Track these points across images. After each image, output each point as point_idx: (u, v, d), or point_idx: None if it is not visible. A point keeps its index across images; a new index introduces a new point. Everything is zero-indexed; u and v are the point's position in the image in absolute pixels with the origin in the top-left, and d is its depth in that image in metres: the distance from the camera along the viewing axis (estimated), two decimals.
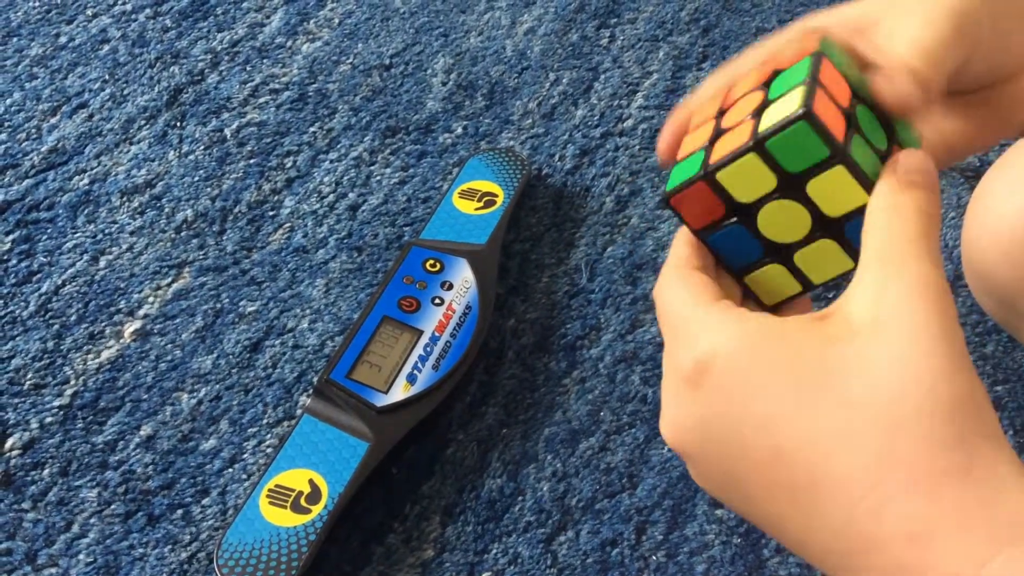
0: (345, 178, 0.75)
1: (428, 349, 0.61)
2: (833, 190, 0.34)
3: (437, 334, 0.62)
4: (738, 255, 0.37)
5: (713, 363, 0.32)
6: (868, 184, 0.33)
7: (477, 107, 0.80)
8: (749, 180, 0.34)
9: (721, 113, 0.37)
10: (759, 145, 0.33)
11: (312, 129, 0.78)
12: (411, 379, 0.60)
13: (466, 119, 0.79)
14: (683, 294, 0.35)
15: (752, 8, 0.89)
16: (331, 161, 0.76)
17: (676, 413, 0.34)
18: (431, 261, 0.66)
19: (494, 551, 0.58)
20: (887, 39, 0.36)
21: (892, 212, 0.32)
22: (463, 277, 0.65)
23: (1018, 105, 0.40)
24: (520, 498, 0.60)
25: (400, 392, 0.59)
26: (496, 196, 0.71)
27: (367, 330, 0.62)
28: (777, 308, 0.38)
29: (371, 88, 0.81)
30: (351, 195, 0.74)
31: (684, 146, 0.37)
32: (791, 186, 0.34)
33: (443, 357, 0.61)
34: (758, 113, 0.34)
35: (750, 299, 0.38)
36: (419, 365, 0.61)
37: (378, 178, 0.75)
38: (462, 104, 0.80)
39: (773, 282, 0.37)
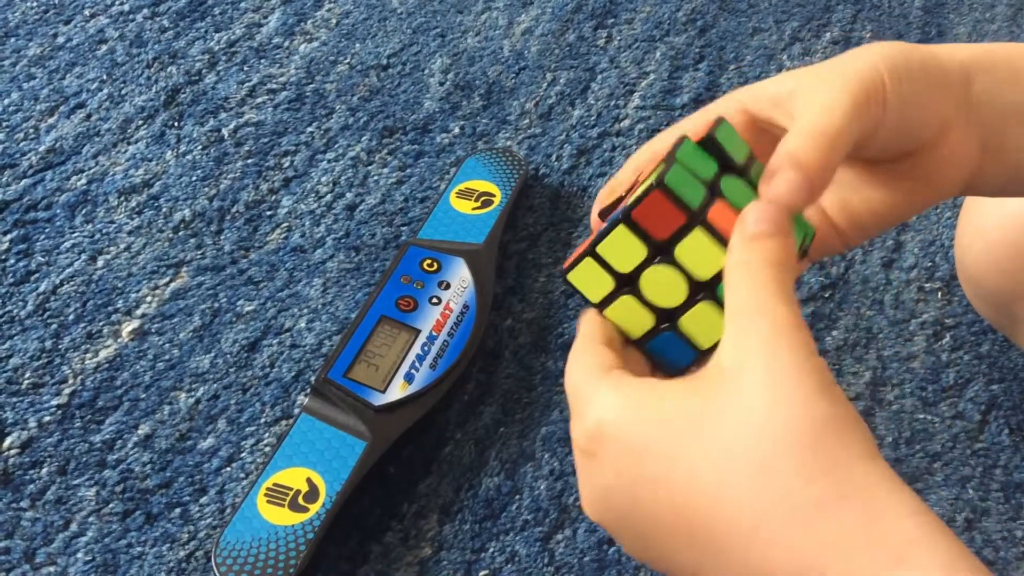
0: (342, 178, 0.75)
1: (426, 348, 0.62)
2: (697, 253, 0.36)
3: (435, 333, 0.62)
4: (635, 327, 0.39)
5: (600, 432, 0.34)
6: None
7: (474, 107, 0.80)
8: (624, 250, 0.37)
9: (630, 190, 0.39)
10: (627, 217, 0.36)
11: (309, 129, 0.78)
12: (409, 378, 0.60)
13: (463, 119, 0.79)
14: (579, 368, 0.36)
15: (748, 8, 0.89)
16: (328, 161, 0.76)
17: (584, 488, 0.36)
18: (428, 261, 0.66)
19: (491, 549, 0.58)
20: (799, 112, 0.37)
21: (743, 268, 0.34)
22: (460, 276, 0.66)
23: (940, 173, 0.41)
24: (517, 497, 0.60)
25: (398, 391, 0.60)
26: (493, 196, 0.71)
27: (365, 329, 0.62)
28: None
29: (368, 88, 0.81)
30: (348, 195, 0.74)
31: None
32: (661, 252, 0.36)
33: (440, 356, 0.61)
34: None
35: (659, 371, 0.40)
36: (416, 364, 0.61)
37: (375, 178, 0.75)
38: (459, 104, 0.80)
39: (672, 352, 0.39)
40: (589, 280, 0.38)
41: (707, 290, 0.37)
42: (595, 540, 0.58)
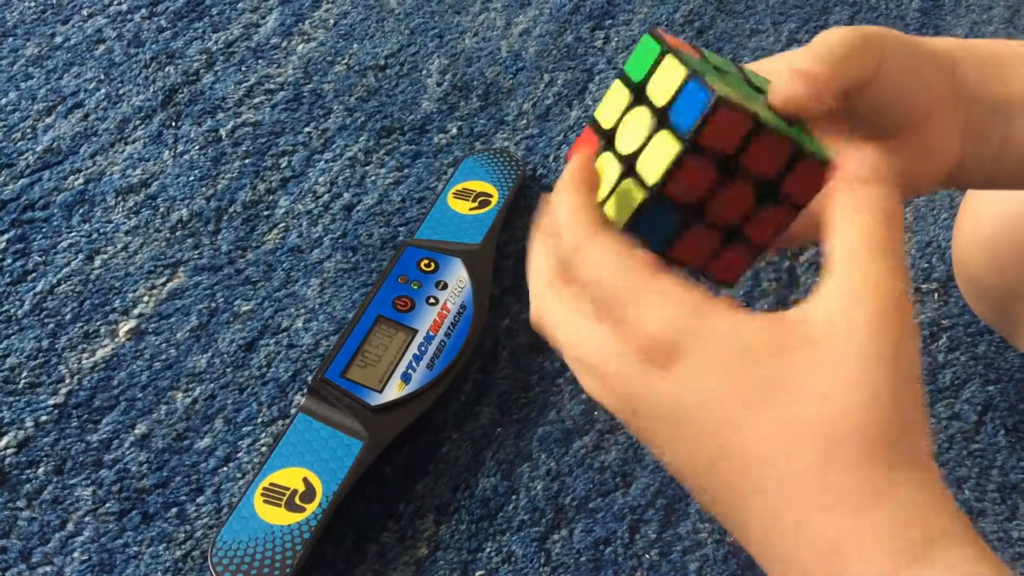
0: (340, 178, 0.75)
1: (423, 348, 0.62)
2: (663, 82, 0.35)
3: (432, 333, 0.63)
4: (658, 231, 0.36)
5: (677, 347, 0.31)
6: (689, 68, 0.34)
7: (472, 108, 0.80)
8: (613, 104, 0.37)
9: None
10: (619, 73, 0.36)
11: (307, 129, 0.78)
12: (406, 378, 0.60)
13: (461, 120, 0.79)
14: (625, 254, 0.33)
15: (746, 10, 0.89)
16: (326, 161, 0.76)
17: (624, 386, 0.33)
18: (426, 261, 0.66)
19: (488, 549, 0.58)
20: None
21: (854, 212, 0.32)
22: (458, 277, 0.66)
23: (924, 159, 0.41)
24: (514, 497, 0.60)
25: (395, 391, 0.60)
26: (491, 196, 0.71)
27: (362, 329, 0.62)
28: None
29: (366, 88, 0.81)
30: (346, 195, 0.74)
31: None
32: (640, 95, 0.36)
33: (438, 356, 0.61)
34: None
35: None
36: (414, 364, 0.61)
37: (373, 178, 0.75)
38: (457, 105, 0.80)
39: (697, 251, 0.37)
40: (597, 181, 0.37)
41: (663, 119, 0.35)
42: (591, 540, 0.58)
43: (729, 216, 0.36)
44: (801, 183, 0.35)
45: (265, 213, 0.73)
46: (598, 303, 0.33)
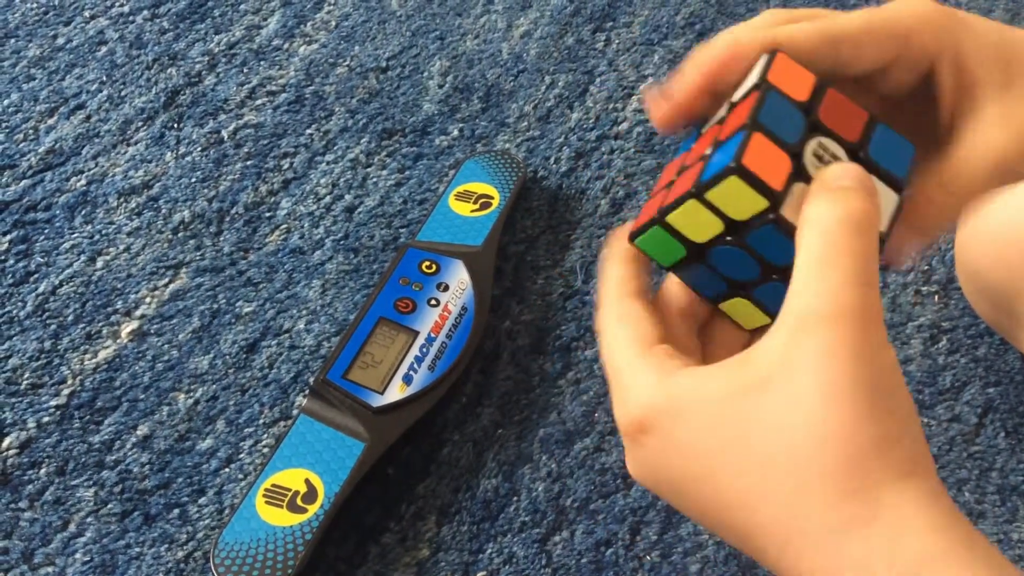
0: (342, 180, 0.75)
1: (424, 350, 0.62)
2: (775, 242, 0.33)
3: (433, 335, 0.63)
4: (706, 289, 0.37)
5: (644, 423, 0.33)
6: None
7: (473, 110, 0.80)
8: (697, 223, 0.34)
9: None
10: (700, 193, 0.33)
11: (309, 131, 0.78)
12: (407, 380, 0.60)
13: (462, 122, 0.79)
14: (622, 335, 0.35)
15: (747, 12, 0.89)
16: (328, 163, 0.76)
17: (630, 460, 0.35)
18: (427, 263, 0.66)
19: (489, 551, 0.58)
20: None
21: (815, 226, 0.31)
22: (459, 279, 0.66)
23: (975, 148, 0.37)
24: (515, 498, 0.60)
25: (396, 393, 0.60)
26: (492, 198, 0.71)
27: (363, 331, 0.62)
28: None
29: (368, 90, 0.81)
30: (347, 197, 0.74)
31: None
32: (737, 230, 0.34)
33: (439, 358, 0.62)
34: (715, 144, 0.34)
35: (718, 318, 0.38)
36: (415, 366, 0.61)
37: (374, 180, 0.75)
38: (458, 107, 0.80)
39: (743, 312, 0.37)
40: (656, 247, 0.36)
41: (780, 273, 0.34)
42: (592, 542, 0.58)
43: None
44: None
45: (267, 215, 0.73)
46: (608, 380, 0.36)
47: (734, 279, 0.36)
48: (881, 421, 0.29)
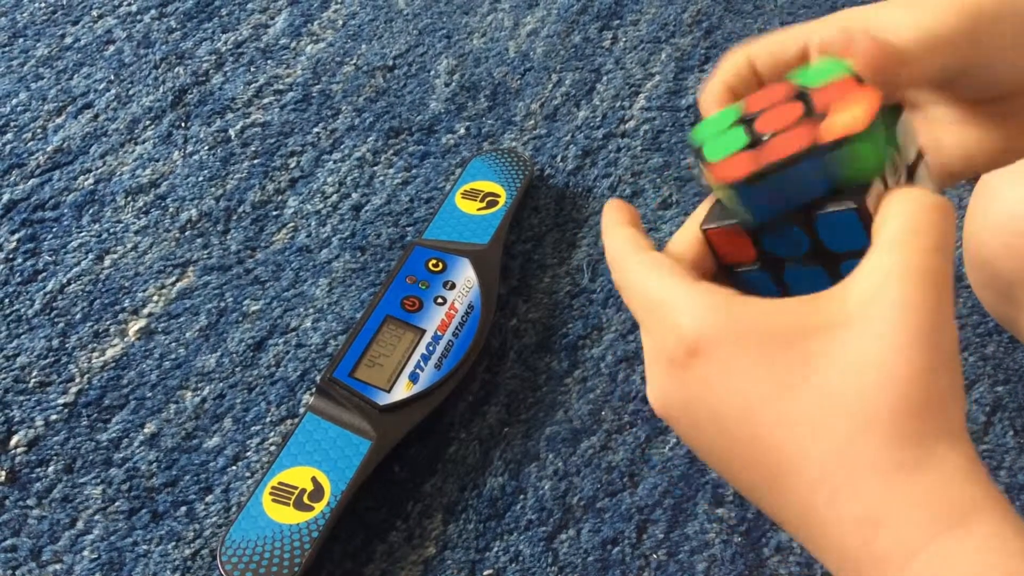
0: (348, 178, 0.75)
1: (430, 348, 0.62)
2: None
3: (439, 333, 0.63)
4: (761, 292, 0.37)
5: (699, 347, 0.32)
6: None
7: (480, 108, 0.80)
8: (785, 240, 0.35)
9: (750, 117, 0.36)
10: (808, 215, 0.34)
11: (316, 130, 0.78)
12: (413, 378, 0.60)
13: (469, 120, 0.79)
14: (657, 274, 0.35)
15: (754, 10, 0.89)
16: (335, 161, 0.76)
17: (662, 390, 0.34)
18: (434, 261, 0.66)
19: (495, 549, 0.58)
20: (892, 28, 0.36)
21: (910, 199, 0.32)
22: (465, 277, 0.66)
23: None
24: (522, 496, 0.60)
25: (402, 391, 0.60)
26: (498, 196, 0.71)
27: (370, 329, 0.62)
28: None
29: (374, 89, 0.81)
30: (354, 195, 0.74)
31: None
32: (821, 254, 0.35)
33: (445, 356, 0.62)
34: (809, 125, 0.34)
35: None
36: (421, 364, 0.61)
37: (381, 178, 0.75)
38: (465, 105, 0.80)
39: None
40: (727, 246, 0.37)
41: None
42: (599, 540, 0.58)
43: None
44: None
45: (274, 213, 0.73)
46: (638, 317, 0.35)
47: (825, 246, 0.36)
48: (945, 380, 0.30)
